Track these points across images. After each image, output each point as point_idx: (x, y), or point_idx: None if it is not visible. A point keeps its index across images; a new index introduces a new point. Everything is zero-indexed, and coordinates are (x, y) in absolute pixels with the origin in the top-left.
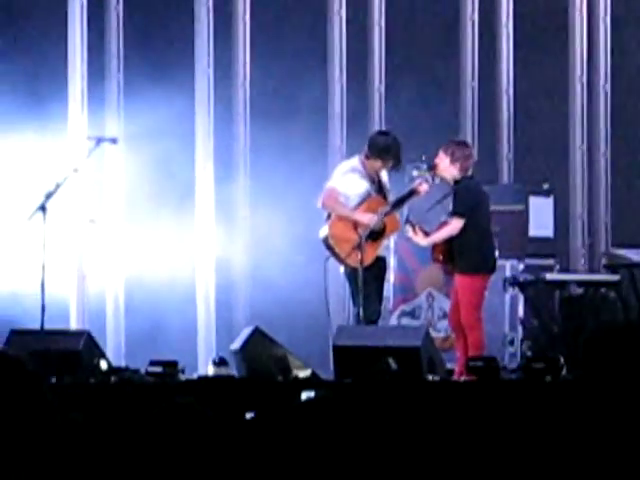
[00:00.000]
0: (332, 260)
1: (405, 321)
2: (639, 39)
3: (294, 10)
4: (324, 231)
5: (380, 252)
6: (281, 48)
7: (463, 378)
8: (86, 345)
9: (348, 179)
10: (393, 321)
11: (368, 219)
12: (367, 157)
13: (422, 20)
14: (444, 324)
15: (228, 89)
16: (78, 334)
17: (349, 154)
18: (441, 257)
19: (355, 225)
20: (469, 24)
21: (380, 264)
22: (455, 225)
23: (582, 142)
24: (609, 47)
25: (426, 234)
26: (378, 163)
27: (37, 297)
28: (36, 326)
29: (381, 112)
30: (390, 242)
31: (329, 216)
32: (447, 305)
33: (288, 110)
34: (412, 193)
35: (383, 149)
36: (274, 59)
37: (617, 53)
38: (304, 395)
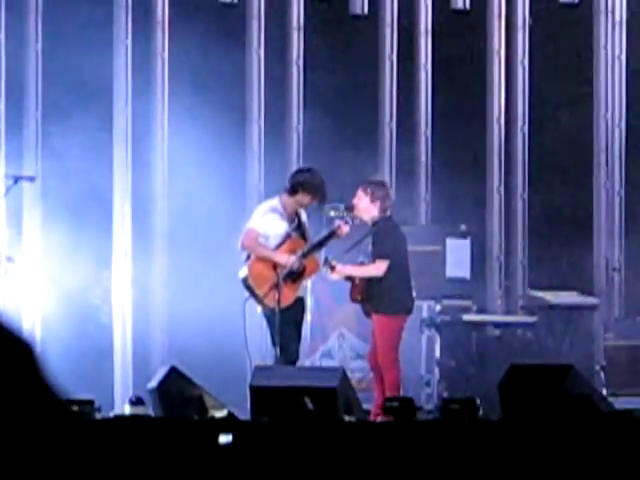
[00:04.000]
0: (251, 301)
1: (326, 362)
2: (556, 80)
3: (205, 47)
4: (243, 272)
5: (299, 293)
6: (200, 88)
7: (380, 418)
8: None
9: (267, 220)
10: (314, 362)
11: (286, 260)
12: (293, 193)
13: (341, 61)
14: (357, 364)
15: (146, 124)
16: None
17: (267, 193)
18: (359, 297)
19: (274, 266)
20: (387, 64)
21: (299, 305)
22: (380, 266)
23: (499, 184)
24: (527, 90)
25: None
26: (307, 198)
27: None
28: None
29: (299, 152)
30: (308, 283)
31: (249, 257)
32: (358, 345)
33: (206, 149)
34: (332, 235)
35: (313, 184)
36: (193, 99)
37: (535, 94)
38: (222, 439)
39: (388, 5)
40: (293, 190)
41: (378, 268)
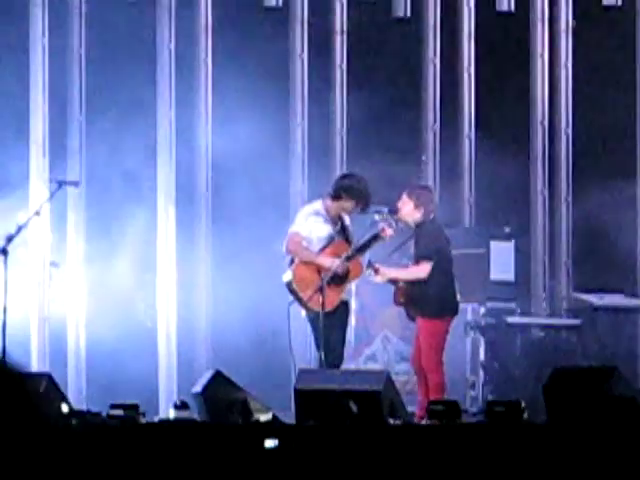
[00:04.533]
0: (296, 304)
1: (370, 365)
2: (600, 84)
3: (252, 52)
4: (287, 275)
5: (343, 296)
6: (242, 89)
7: (424, 421)
8: (47, 388)
9: (311, 223)
10: (359, 365)
11: (330, 263)
12: (336, 199)
13: (384, 63)
14: (402, 367)
15: (191, 130)
16: (39, 376)
17: (310, 198)
18: (403, 300)
19: (318, 269)
20: (431, 67)
21: (343, 308)
22: (424, 268)
23: (543, 186)
24: (570, 91)
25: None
26: (350, 204)
27: None
28: None
29: (343, 156)
30: (352, 286)
31: (292, 260)
32: (403, 348)
33: (249, 153)
34: (376, 238)
35: (357, 190)
36: (236, 104)
37: (578, 96)
38: (268, 443)
39: (431, 7)
40: (336, 195)
41: (421, 270)
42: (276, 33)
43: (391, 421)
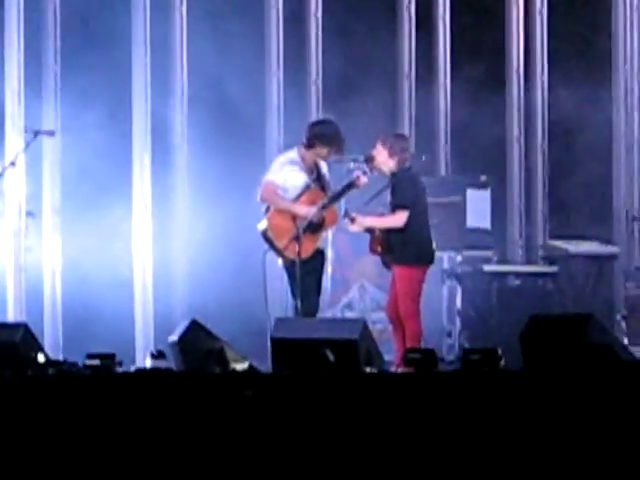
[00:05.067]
0: (271, 253)
1: (347, 313)
2: (576, 25)
3: (226, 4)
4: (263, 224)
5: (319, 245)
6: (218, 42)
7: (401, 370)
8: (23, 337)
9: (286, 172)
10: (336, 314)
11: (306, 211)
12: (310, 146)
13: (358, 12)
14: (378, 315)
15: (164, 84)
16: (15, 326)
17: (286, 146)
18: (379, 248)
19: (294, 218)
20: (406, 15)
21: (319, 257)
22: (400, 217)
23: (519, 134)
24: (545, 39)
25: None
26: (324, 150)
27: None
28: None
29: (318, 104)
30: (328, 235)
31: (268, 209)
32: (379, 297)
33: (225, 102)
34: (350, 186)
35: (329, 135)
36: (211, 52)
37: (554, 44)
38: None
39: None
40: (310, 142)
41: (398, 218)
42: None
43: (368, 370)
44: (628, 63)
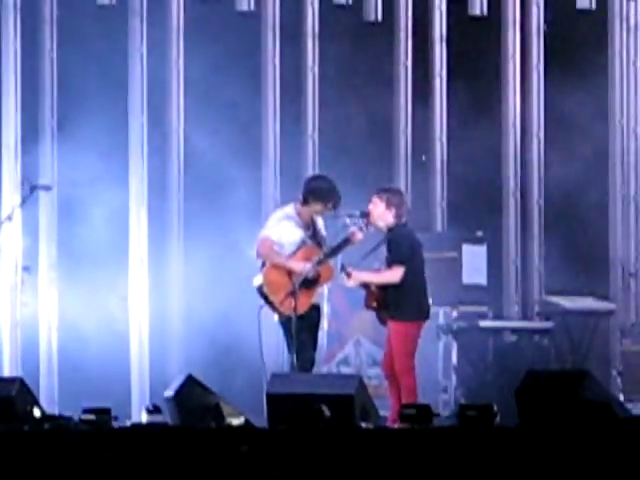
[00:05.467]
0: (266, 309)
1: (343, 369)
2: (572, 86)
3: (223, 54)
4: (258, 279)
5: (314, 300)
6: (215, 93)
7: (396, 425)
8: (19, 391)
9: (282, 227)
10: (331, 369)
11: (302, 267)
12: (305, 202)
13: (356, 67)
14: (373, 371)
15: (161, 134)
16: (11, 380)
17: (283, 202)
18: (375, 304)
19: (289, 273)
20: (402, 70)
21: (314, 312)
22: (396, 272)
23: (515, 189)
24: (542, 93)
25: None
26: (319, 206)
27: None
28: None
29: (315, 160)
30: (324, 289)
31: (263, 264)
32: (375, 352)
33: (222, 157)
34: (346, 242)
35: (324, 191)
36: (208, 104)
37: (550, 99)
38: None
39: (402, 11)
40: (305, 198)
41: (394, 274)
42: (250, 38)
43: (363, 425)
44: (624, 118)
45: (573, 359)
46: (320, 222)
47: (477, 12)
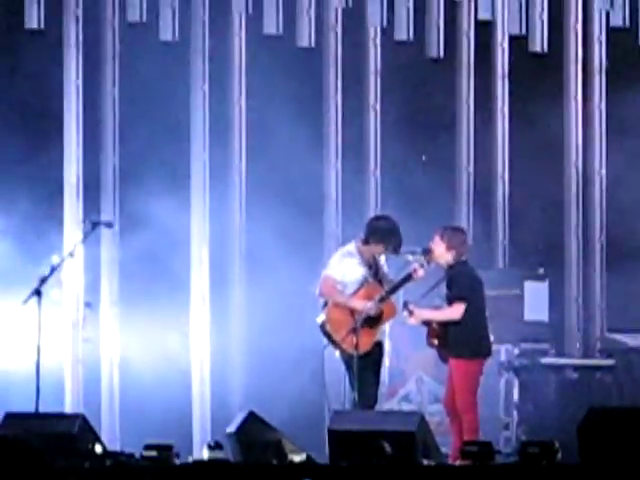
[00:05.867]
0: (330, 346)
1: (404, 406)
2: (635, 122)
3: (285, 92)
4: (321, 317)
5: (378, 337)
6: (276, 131)
7: (458, 462)
8: (81, 428)
9: (345, 266)
10: (393, 406)
11: (363, 306)
12: (366, 242)
13: (418, 104)
14: (435, 408)
15: (223, 172)
16: (73, 417)
17: (345, 239)
18: (436, 342)
19: (352, 311)
20: (464, 107)
21: (377, 349)
22: (457, 309)
23: (577, 227)
24: (604, 133)
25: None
26: (380, 248)
27: (32, 380)
28: (31, 409)
29: (377, 197)
30: (386, 327)
31: (326, 303)
32: (437, 389)
33: (285, 194)
34: (408, 278)
35: (385, 233)
36: (269, 142)
37: (612, 135)
38: None
39: (465, 48)
40: (367, 238)
41: (455, 311)
42: (311, 73)
43: (425, 462)
44: None
45: (635, 396)
46: (382, 258)
47: (538, 49)
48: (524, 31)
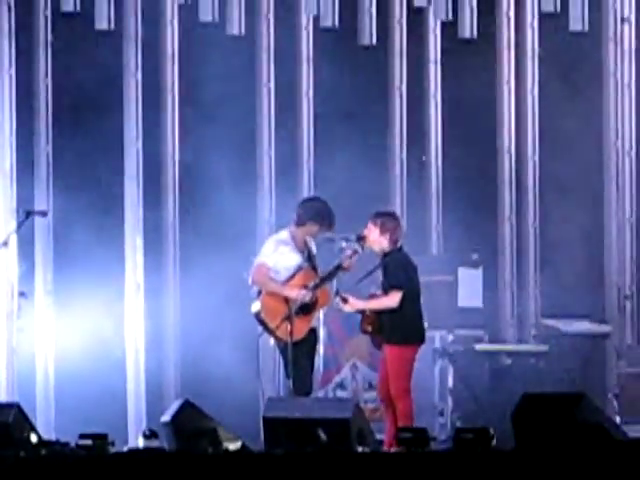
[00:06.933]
0: (265, 334)
1: (339, 393)
2: (567, 104)
3: (227, 81)
4: (256, 306)
5: (312, 324)
6: (210, 118)
7: (393, 449)
8: (16, 418)
9: (278, 253)
10: (328, 393)
11: (297, 294)
12: (301, 224)
13: (349, 91)
14: (370, 395)
15: (157, 161)
16: (8, 406)
17: (278, 227)
18: (370, 328)
19: (286, 299)
20: (397, 94)
21: (312, 336)
22: (394, 298)
23: (511, 213)
24: (537, 119)
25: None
26: (315, 227)
27: None
28: None
29: (310, 185)
30: (320, 314)
31: (260, 291)
32: (371, 376)
33: (217, 183)
34: (339, 267)
35: (319, 211)
36: (206, 132)
37: (545, 119)
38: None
39: (397, 35)
40: (300, 220)
41: (392, 299)
42: (241, 63)
43: (360, 449)
44: (619, 140)
45: (569, 382)
46: (313, 246)
47: (467, 35)
48: (451, 17)
